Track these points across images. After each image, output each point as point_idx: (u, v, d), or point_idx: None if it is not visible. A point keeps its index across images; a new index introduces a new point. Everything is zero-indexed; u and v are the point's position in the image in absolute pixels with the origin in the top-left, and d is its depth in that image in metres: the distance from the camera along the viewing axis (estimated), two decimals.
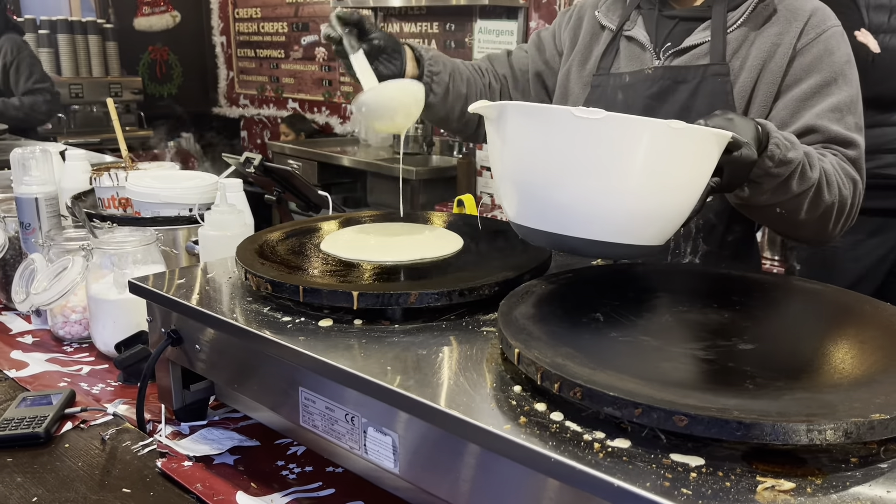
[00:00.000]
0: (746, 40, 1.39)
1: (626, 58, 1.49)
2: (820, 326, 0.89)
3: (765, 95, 1.38)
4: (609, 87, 1.49)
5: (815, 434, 0.60)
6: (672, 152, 0.86)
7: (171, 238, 1.45)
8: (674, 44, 1.44)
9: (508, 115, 0.92)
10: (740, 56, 1.39)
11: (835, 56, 1.37)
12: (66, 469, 1.01)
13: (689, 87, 1.40)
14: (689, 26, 1.44)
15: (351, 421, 0.83)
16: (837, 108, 1.37)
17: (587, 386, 0.67)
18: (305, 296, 0.93)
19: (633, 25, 1.50)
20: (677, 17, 1.46)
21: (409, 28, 4.74)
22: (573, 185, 0.87)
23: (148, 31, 6.01)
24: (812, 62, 1.37)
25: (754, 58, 1.38)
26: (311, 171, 4.24)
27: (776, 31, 1.38)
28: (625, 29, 1.50)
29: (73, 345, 1.44)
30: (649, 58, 1.46)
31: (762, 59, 1.38)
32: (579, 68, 1.56)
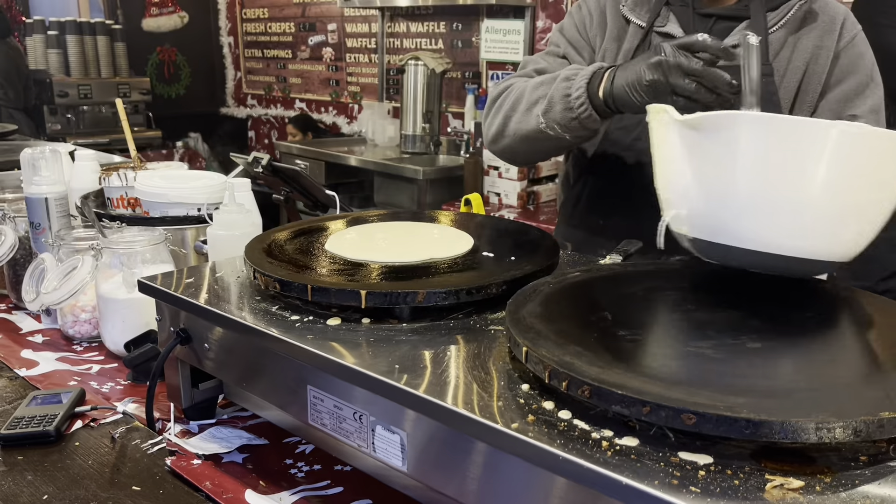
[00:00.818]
0: (787, 42, 1.41)
1: None
2: (829, 324, 0.88)
3: (811, 98, 1.41)
4: None
5: (824, 432, 0.60)
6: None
7: (179, 238, 1.46)
8: None
9: (741, 127, 0.86)
10: (783, 58, 1.40)
11: (866, 59, 1.42)
12: (76, 467, 1.02)
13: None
14: (728, 26, 1.43)
15: (359, 419, 0.83)
16: (875, 109, 1.42)
17: (595, 384, 0.67)
18: (314, 295, 0.93)
19: (666, 22, 1.47)
20: (714, 16, 1.44)
21: (415, 28, 4.74)
22: (813, 201, 0.84)
23: (156, 31, 6.04)
24: (849, 65, 1.41)
25: (797, 60, 1.40)
26: (319, 170, 4.25)
27: (817, 35, 1.41)
28: (657, 25, 1.47)
29: (83, 344, 1.45)
30: None
31: (805, 61, 1.40)
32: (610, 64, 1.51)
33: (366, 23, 5.07)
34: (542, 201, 3.49)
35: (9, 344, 1.44)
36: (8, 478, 0.99)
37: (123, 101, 4.52)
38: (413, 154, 4.14)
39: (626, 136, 1.50)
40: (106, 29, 5.49)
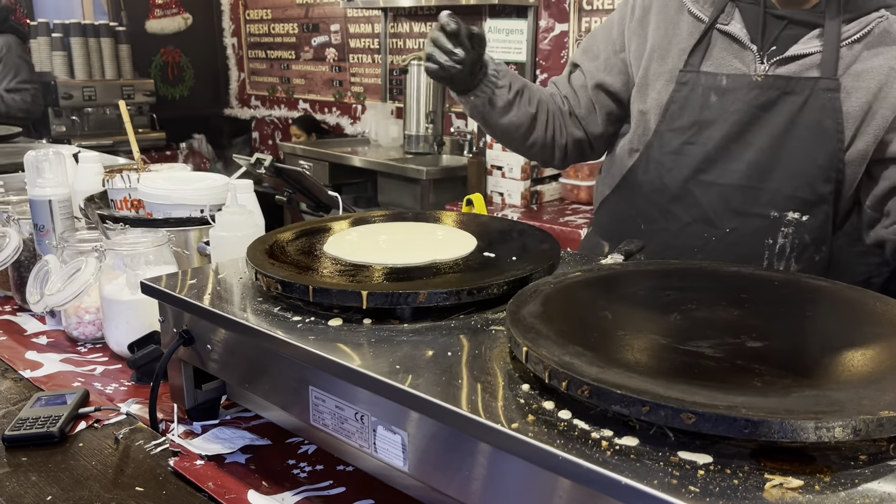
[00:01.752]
0: (860, 58, 1.33)
1: (721, 56, 1.39)
2: (829, 323, 0.88)
3: (882, 120, 1.33)
4: (700, 86, 1.40)
5: (824, 431, 0.60)
6: None
7: (182, 239, 1.47)
8: (779, 49, 1.36)
9: None
10: (853, 73, 1.33)
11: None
12: (80, 468, 1.02)
13: (798, 100, 1.33)
14: (798, 32, 1.35)
15: (361, 420, 0.84)
16: None
17: (595, 384, 0.67)
18: (315, 296, 0.94)
19: (730, 19, 1.40)
20: (786, 19, 1.36)
21: (418, 28, 4.75)
22: None
23: (160, 33, 6.05)
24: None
25: (870, 79, 1.32)
26: (322, 171, 4.25)
27: (893, 55, 1.32)
28: (720, 22, 1.40)
29: (87, 345, 1.45)
30: (751, 59, 1.37)
31: (880, 81, 1.32)
32: (660, 62, 1.45)
33: (369, 23, 5.08)
34: (545, 201, 3.49)
35: (13, 345, 1.45)
36: (12, 479, 0.99)
37: (127, 102, 4.54)
38: (416, 154, 4.15)
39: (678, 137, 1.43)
40: (110, 31, 5.51)
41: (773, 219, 1.38)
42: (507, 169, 3.41)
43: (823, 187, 1.36)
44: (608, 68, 1.55)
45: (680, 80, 1.41)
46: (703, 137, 1.40)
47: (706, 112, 1.39)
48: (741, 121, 1.36)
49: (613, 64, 1.55)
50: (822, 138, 1.33)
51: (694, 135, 1.41)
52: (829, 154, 1.34)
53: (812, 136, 1.33)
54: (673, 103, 1.43)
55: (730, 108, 1.37)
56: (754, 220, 1.39)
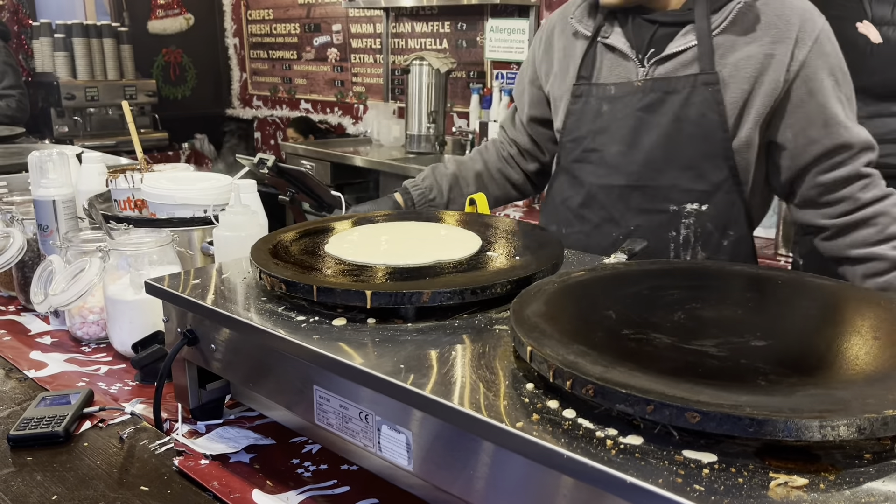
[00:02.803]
0: (734, 47, 1.36)
1: (609, 67, 1.48)
2: (832, 322, 0.88)
3: (761, 107, 1.37)
4: (592, 97, 1.49)
5: (829, 430, 0.60)
6: None
7: (186, 239, 1.47)
8: (657, 50, 1.41)
9: None
10: (729, 63, 1.37)
11: (832, 59, 1.39)
12: (84, 467, 1.03)
13: (680, 98, 1.39)
14: (671, 31, 1.42)
15: (365, 419, 0.84)
16: (851, 107, 1.40)
17: (599, 383, 0.67)
18: (319, 295, 0.94)
19: (611, 32, 1.48)
20: (657, 22, 1.43)
21: (420, 28, 4.75)
22: None
23: (162, 33, 6.06)
24: (815, 72, 1.37)
25: (747, 68, 1.36)
26: (324, 171, 4.26)
27: (769, 41, 1.36)
28: (602, 35, 1.49)
29: (91, 345, 1.46)
30: (633, 66, 1.44)
31: (756, 69, 1.36)
32: (560, 82, 1.57)
33: (370, 23, 5.08)
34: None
35: (17, 345, 1.46)
36: (17, 478, 1.00)
37: (129, 103, 4.55)
38: (418, 154, 4.15)
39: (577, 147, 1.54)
40: (112, 31, 5.51)
41: (673, 212, 1.45)
42: None
43: (717, 176, 1.42)
44: (532, 102, 1.68)
45: (574, 93, 1.52)
46: (599, 144, 1.49)
47: (599, 121, 1.49)
48: (630, 125, 1.45)
49: (535, 96, 1.68)
50: (708, 131, 1.38)
51: (591, 143, 1.51)
52: (717, 144, 1.39)
53: (698, 130, 1.39)
54: (571, 116, 1.53)
55: (619, 115, 1.46)
56: (656, 216, 1.46)
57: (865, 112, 2.33)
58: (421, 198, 1.65)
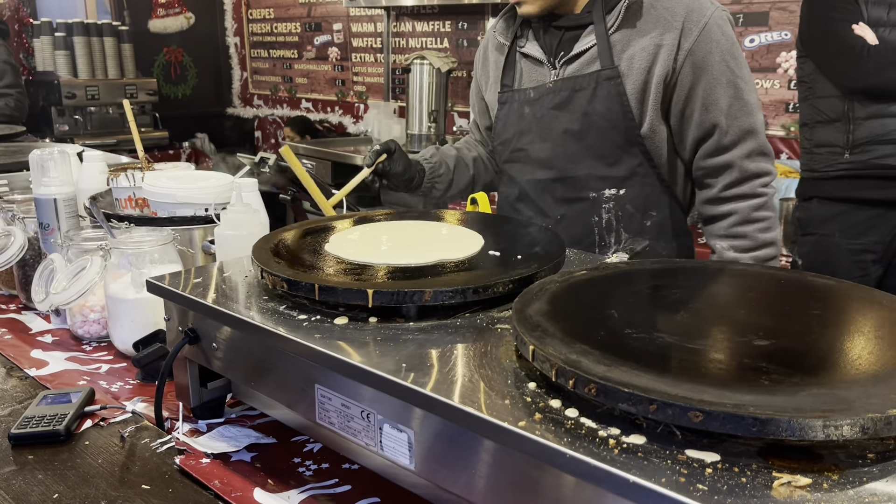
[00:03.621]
0: (630, 41, 1.47)
1: (527, 73, 1.61)
2: (835, 322, 0.88)
3: (656, 94, 1.47)
4: (516, 102, 1.61)
5: (832, 430, 0.60)
6: None
7: (187, 238, 1.47)
8: (566, 52, 1.53)
9: None
10: (626, 57, 1.47)
11: (723, 44, 1.46)
12: (86, 466, 1.02)
13: (586, 94, 1.50)
14: (576, 34, 1.53)
15: (367, 418, 0.84)
16: (738, 96, 1.47)
17: (602, 382, 0.67)
18: (321, 294, 0.94)
19: (526, 41, 1.61)
20: (563, 27, 1.55)
21: (421, 27, 4.75)
22: None
23: (162, 32, 6.06)
24: (701, 63, 1.45)
25: (640, 59, 1.46)
26: (325, 170, 4.25)
27: (658, 32, 1.46)
28: (518, 45, 1.62)
29: (92, 344, 1.45)
30: (547, 70, 1.57)
31: (648, 60, 1.46)
32: (492, 92, 1.70)
33: (371, 22, 5.08)
34: None
35: (18, 344, 1.45)
36: (19, 477, 1.00)
37: (130, 102, 4.54)
38: (419, 153, 4.14)
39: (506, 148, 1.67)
40: (113, 30, 5.51)
41: (593, 199, 1.56)
42: None
43: (630, 162, 1.53)
44: (481, 112, 1.81)
45: (500, 100, 1.66)
46: (523, 144, 1.62)
47: (521, 123, 1.62)
48: (546, 124, 1.56)
49: (481, 107, 1.80)
50: (615, 121, 1.49)
51: (516, 143, 1.64)
52: (625, 133, 1.50)
53: (605, 121, 1.50)
54: (498, 121, 1.67)
55: (537, 116, 1.58)
56: (578, 204, 1.58)
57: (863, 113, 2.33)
58: (432, 172, 1.70)
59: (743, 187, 1.51)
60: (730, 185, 1.52)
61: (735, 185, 1.51)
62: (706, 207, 1.58)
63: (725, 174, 1.52)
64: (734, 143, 1.49)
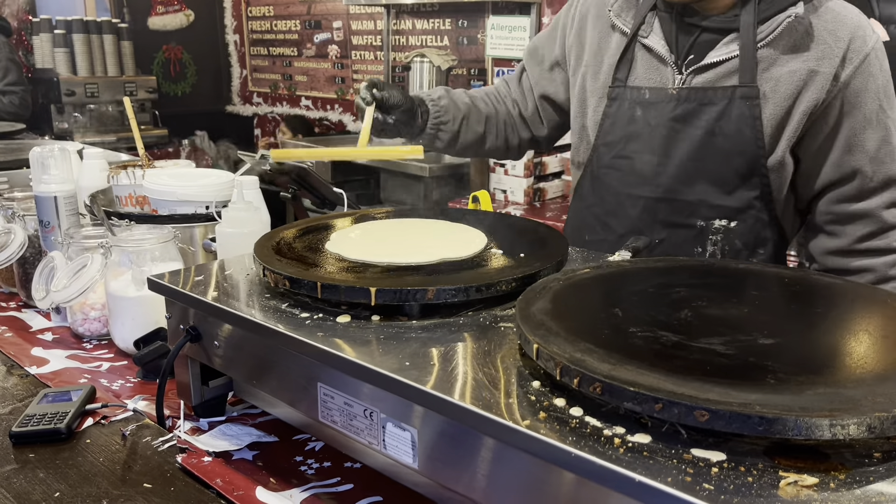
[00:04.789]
0: (779, 61, 1.30)
1: (644, 69, 1.40)
2: (841, 321, 0.88)
3: (796, 125, 1.31)
4: (627, 101, 1.41)
5: (838, 429, 0.60)
6: None
7: (188, 235, 1.46)
8: (697, 57, 1.35)
9: None
10: (772, 78, 1.30)
11: (879, 80, 1.31)
12: (87, 464, 1.02)
13: (716, 110, 1.32)
14: (713, 38, 1.34)
15: (370, 416, 0.83)
16: (887, 140, 1.33)
17: (607, 381, 0.67)
18: (323, 292, 0.93)
19: (650, 31, 1.40)
20: (700, 27, 1.35)
21: (421, 25, 4.74)
22: None
23: (162, 30, 6.05)
24: (854, 98, 1.30)
25: (788, 83, 1.29)
26: (325, 168, 4.24)
27: (814, 56, 1.28)
28: (640, 35, 1.40)
29: (93, 342, 1.45)
30: (669, 72, 1.37)
31: (797, 86, 1.29)
32: (593, 78, 1.48)
33: (371, 20, 5.07)
34: (548, 198, 3.48)
35: (19, 342, 1.45)
36: (20, 475, 0.99)
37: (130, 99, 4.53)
38: None
39: (610, 152, 1.46)
40: (112, 28, 5.50)
41: (700, 228, 1.40)
42: (510, 166, 3.40)
43: (747, 194, 1.36)
44: (552, 79, 1.60)
45: (610, 95, 1.44)
46: (630, 151, 1.43)
47: (632, 126, 1.42)
48: (662, 135, 1.38)
49: (556, 74, 1.59)
50: (742, 146, 1.33)
51: (622, 149, 1.44)
52: (750, 161, 1.33)
53: (731, 145, 1.33)
54: (606, 118, 1.45)
55: (651, 123, 1.38)
56: (682, 231, 1.41)
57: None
58: (436, 115, 1.53)
59: (880, 241, 1.35)
60: (865, 237, 1.36)
61: (871, 237, 1.36)
62: (832, 259, 1.40)
63: (860, 223, 1.36)
64: (875, 192, 1.34)
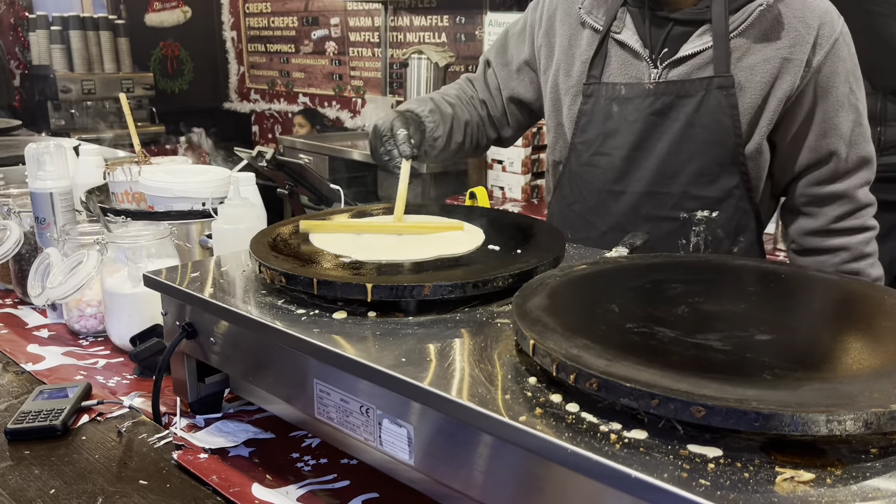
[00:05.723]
0: (751, 50, 1.32)
1: (619, 65, 1.40)
2: (838, 317, 0.88)
3: (772, 113, 1.33)
4: (602, 97, 1.41)
5: (835, 425, 0.60)
6: None
7: (184, 232, 1.46)
8: (671, 50, 1.35)
9: None
10: (746, 67, 1.31)
11: (848, 63, 1.34)
12: (83, 461, 1.02)
13: (693, 102, 1.33)
14: (686, 30, 1.35)
15: (366, 413, 0.83)
16: (858, 122, 1.36)
17: (603, 377, 0.66)
18: (319, 288, 0.93)
19: (622, 27, 1.39)
20: (672, 20, 1.36)
21: (418, 21, 4.73)
22: None
23: (159, 26, 6.03)
24: (826, 82, 1.33)
25: (762, 72, 1.31)
26: (322, 165, 4.24)
27: (786, 44, 1.31)
28: (613, 30, 1.40)
29: (89, 338, 1.45)
30: (644, 66, 1.37)
31: (772, 74, 1.31)
32: (566, 76, 1.47)
33: (369, 17, 5.06)
34: (545, 195, 3.48)
35: (15, 338, 1.45)
36: (15, 472, 0.99)
37: (126, 96, 4.51)
38: None
39: (588, 149, 1.45)
40: (109, 24, 5.48)
41: (684, 220, 1.40)
42: (508, 163, 3.40)
43: (727, 183, 1.37)
44: (520, 79, 1.58)
45: (585, 92, 1.43)
46: (609, 148, 1.42)
47: (609, 123, 1.41)
48: (640, 129, 1.38)
49: (524, 75, 1.57)
50: (721, 136, 1.33)
51: (601, 146, 1.43)
52: (728, 150, 1.35)
53: (710, 135, 1.34)
54: (582, 116, 1.44)
55: (629, 118, 1.38)
56: (665, 224, 1.41)
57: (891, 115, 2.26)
58: (430, 133, 1.48)
59: (855, 220, 1.39)
60: (842, 216, 1.39)
61: (847, 216, 1.39)
62: (809, 239, 1.43)
63: (836, 204, 1.39)
64: (850, 172, 1.37)
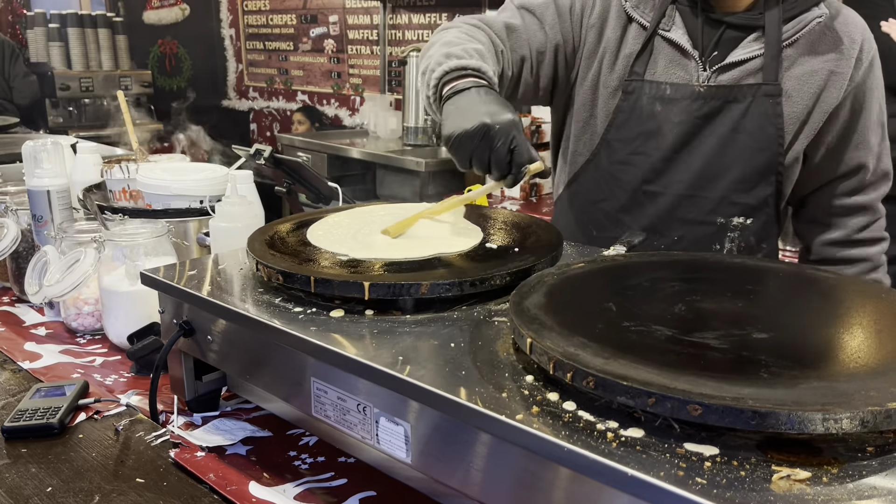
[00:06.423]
0: (800, 60, 1.32)
1: (665, 63, 1.36)
2: (835, 315, 0.88)
3: (815, 124, 1.35)
4: (644, 95, 1.37)
5: (831, 423, 0.60)
6: None
7: (182, 230, 1.46)
8: (721, 54, 1.34)
9: None
10: (793, 77, 1.32)
11: (881, 80, 1.38)
12: (80, 459, 1.02)
13: (740, 108, 1.33)
14: (737, 35, 1.33)
15: (363, 411, 0.83)
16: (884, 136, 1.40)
17: (600, 375, 0.66)
18: (317, 286, 0.93)
19: (672, 24, 1.36)
20: (724, 24, 1.33)
21: (417, 19, 4.73)
22: None
23: (157, 24, 6.03)
24: (866, 96, 1.36)
25: (811, 83, 1.32)
26: (321, 163, 4.24)
27: (834, 57, 1.32)
28: (661, 28, 1.36)
29: (86, 336, 1.45)
30: (693, 67, 1.34)
31: (819, 86, 1.32)
32: (608, 71, 1.41)
33: (367, 14, 5.05)
34: (544, 193, 3.48)
35: (12, 337, 1.45)
36: (12, 470, 0.99)
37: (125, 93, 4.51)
38: (415, 146, 4.13)
39: (625, 147, 1.41)
40: (107, 21, 5.48)
41: (720, 225, 1.39)
42: None
43: (764, 191, 1.38)
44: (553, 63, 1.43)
45: (626, 89, 1.39)
46: (649, 147, 1.39)
47: (651, 122, 1.38)
48: (685, 131, 1.36)
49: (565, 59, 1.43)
50: (764, 144, 1.34)
51: (640, 145, 1.40)
52: (769, 158, 1.35)
53: (754, 142, 1.34)
54: (620, 112, 1.40)
55: (674, 119, 1.36)
56: (700, 228, 1.40)
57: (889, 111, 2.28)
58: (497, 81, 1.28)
59: (874, 230, 1.43)
60: (863, 227, 1.42)
61: (867, 227, 1.43)
62: (830, 249, 1.45)
63: (859, 215, 1.42)
64: (874, 185, 1.41)
